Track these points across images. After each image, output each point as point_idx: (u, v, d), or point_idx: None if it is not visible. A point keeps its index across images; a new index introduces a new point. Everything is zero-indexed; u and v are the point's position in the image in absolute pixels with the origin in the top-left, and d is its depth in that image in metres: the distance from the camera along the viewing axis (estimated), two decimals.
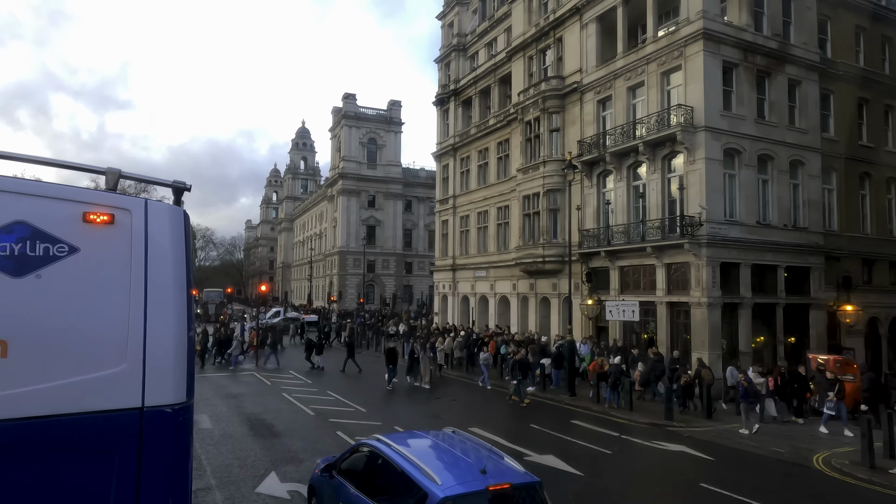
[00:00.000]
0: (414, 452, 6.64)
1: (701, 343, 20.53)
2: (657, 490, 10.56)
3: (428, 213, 66.56)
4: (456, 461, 6.56)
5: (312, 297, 73.76)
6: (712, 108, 21.49)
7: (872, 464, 12.04)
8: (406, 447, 6.82)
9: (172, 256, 3.82)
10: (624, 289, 24.44)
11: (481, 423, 15.40)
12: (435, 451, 7.06)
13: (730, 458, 13.01)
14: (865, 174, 26.66)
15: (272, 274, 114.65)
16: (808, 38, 24.56)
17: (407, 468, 6.24)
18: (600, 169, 25.99)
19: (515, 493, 5.90)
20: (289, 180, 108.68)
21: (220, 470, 11.05)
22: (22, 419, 3.31)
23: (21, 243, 3.44)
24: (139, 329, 3.63)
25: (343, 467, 7.55)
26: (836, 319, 23.83)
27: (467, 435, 7.58)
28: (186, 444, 3.90)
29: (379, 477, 6.77)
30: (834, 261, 24.45)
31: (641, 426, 15.79)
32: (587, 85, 26.90)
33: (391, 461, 6.56)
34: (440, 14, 43.85)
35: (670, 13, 24.91)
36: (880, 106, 27.51)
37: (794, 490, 10.91)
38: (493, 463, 6.24)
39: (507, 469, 6.27)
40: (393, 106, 71.47)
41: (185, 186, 4.24)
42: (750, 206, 22.37)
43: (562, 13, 28.66)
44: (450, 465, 6.42)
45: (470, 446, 7.05)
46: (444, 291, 40.32)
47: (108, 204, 3.70)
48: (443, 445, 7.22)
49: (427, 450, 7.05)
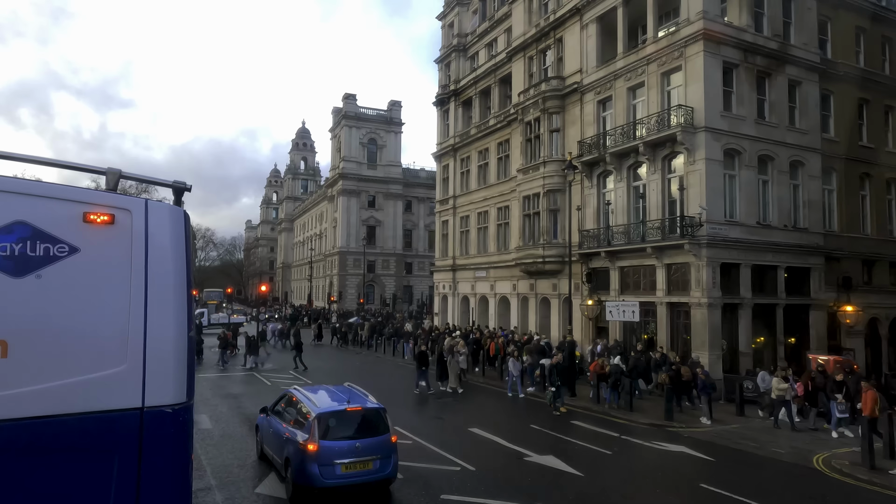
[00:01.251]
0: (312, 394, 10.85)
1: (701, 343, 20.52)
2: (657, 490, 10.56)
3: (428, 213, 66.55)
4: (335, 398, 10.60)
5: (312, 298, 73.77)
6: (712, 109, 21.49)
7: (873, 464, 12.04)
8: (309, 391, 11.19)
9: (173, 257, 3.83)
10: (624, 289, 24.44)
11: (481, 424, 15.40)
12: (326, 393, 11.09)
13: (730, 458, 13.00)
14: (865, 175, 26.66)
15: (272, 274, 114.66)
16: (809, 38, 24.56)
17: (304, 402, 10.39)
18: (600, 169, 25.99)
19: (365, 412, 10.06)
20: (289, 180, 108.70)
21: (219, 470, 11.05)
22: (22, 419, 3.31)
23: (21, 243, 3.44)
24: (139, 329, 3.63)
25: (274, 409, 11.46)
26: (836, 320, 23.82)
27: (354, 387, 11.46)
28: (186, 445, 3.91)
29: (292, 409, 10.79)
30: (834, 261, 24.45)
31: (641, 427, 15.79)
32: (587, 85, 26.90)
33: (298, 399, 10.70)
34: (440, 14, 43.84)
35: (670, 14, 24.91)
36: (880, 106, 27.51)
37: (794, 490, 10.90)
38: (358, 399, 10.51)
39: (364, 401, 10.41)
40: (393, 106, 71.49)
41: (185, 187, 4.25)
42: (750, 207, 22.37)
43: (562, 14, 28.66)
44: (330, 400, 10.51)
45: (350, 392, 10.98)
46: (444, 292, 40.31)
47: (108, 204, 3.71)
48: (333, 391, 11.25)
49: (321, 393, 11.05)
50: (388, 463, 9.54)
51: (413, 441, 13.34)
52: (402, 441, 13.27)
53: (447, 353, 21.85)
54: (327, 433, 9.44)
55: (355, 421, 9.88)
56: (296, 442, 9.60)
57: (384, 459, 9.51)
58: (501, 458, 12.34)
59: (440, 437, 13.91)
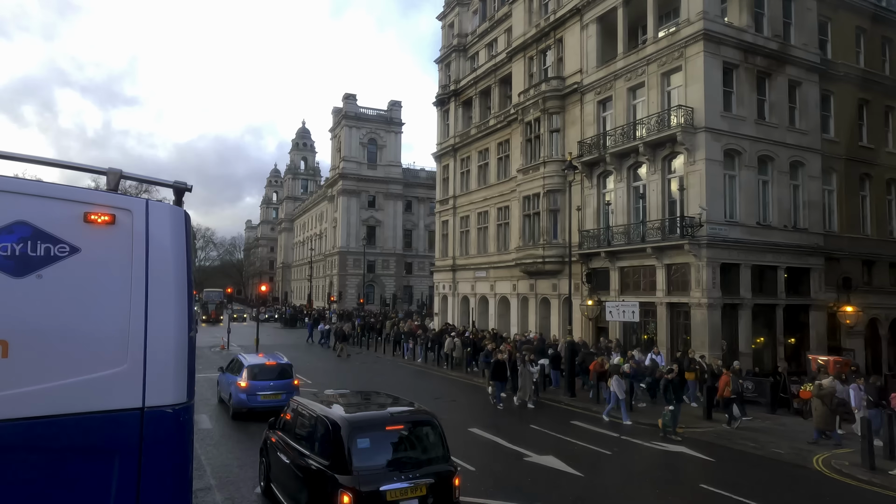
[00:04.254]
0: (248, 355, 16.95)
1: (701, 344, 20.52)
2: (657, 491, 10.56)
3: (428, 213, 66.56)
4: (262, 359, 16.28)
5: (312, 298, 73.77)
6: (712, 109, 21.50)
7: (872, 465, 12.03)
8: (248, 355, 17.26)
9: (173, 257, 3.83)
10: (624, 289, 24.44)
11: (481, 424, 15.40)
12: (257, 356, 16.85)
13: (729, 458, 13.00)
14: (866, 175, 26.67)
15: (272, 274, 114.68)
16: (809, 39, 24.56)
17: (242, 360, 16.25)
18: (600, 170, 26.00)
19: (278, 365, 15.70)
20: (289, 180, 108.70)
21: (219, 470, 11.05)
22: (23, 419, 3.32)
23: (22, 243, 3.44)
24: (140, 329, 3.63)
25: (227, 368, 16.95)
26: (836, 320, 23.83)
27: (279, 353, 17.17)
28: (187, 445, 3.91)
29: (235, 364, 16.37)
30: (834, 262, 24.46)
31: (641, 427, 15.78)
32: (587, 86, 26.91)
33: (239, 359, 16.56)
34: (440, 14, 43.84)
35: (671, 14, 24.92)
36: (880, 107, 27.52)
37: (793, 491, 10.90)
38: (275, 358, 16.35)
39: (279, 359, 16.25)
40: (393, 106, 71.49)
41: (186, 187, 4.24)
42: (750, 207, 22.37)
43: (562, 14, 28.67)
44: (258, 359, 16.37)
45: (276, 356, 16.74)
46: (444, 292, 40.32)
47: (109, 204, 3.71)
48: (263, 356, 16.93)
49: (254, 356, 17.17)
50: (290, 397, 11.97)
51: None
52: None
53: (520, 362, 19.22)
54: (254, 377, 15.09)
55: (272, 371, 15.48)
56: (235, 383, 15.21)
57: (288, 394, 14.17)
58: (501, 459, 12.34)
59: None
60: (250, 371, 15.10)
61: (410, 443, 7.72)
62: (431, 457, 7.60)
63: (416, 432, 7.82)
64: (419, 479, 7.08)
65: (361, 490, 6.71)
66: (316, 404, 8.35)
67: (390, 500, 6.85)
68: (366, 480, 6.81)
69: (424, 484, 7.08)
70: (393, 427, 7.64)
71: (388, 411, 8.02)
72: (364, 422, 7.57)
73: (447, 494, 7.28)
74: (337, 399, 8.81)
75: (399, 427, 7.68)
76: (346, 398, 9.11)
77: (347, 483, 6.73)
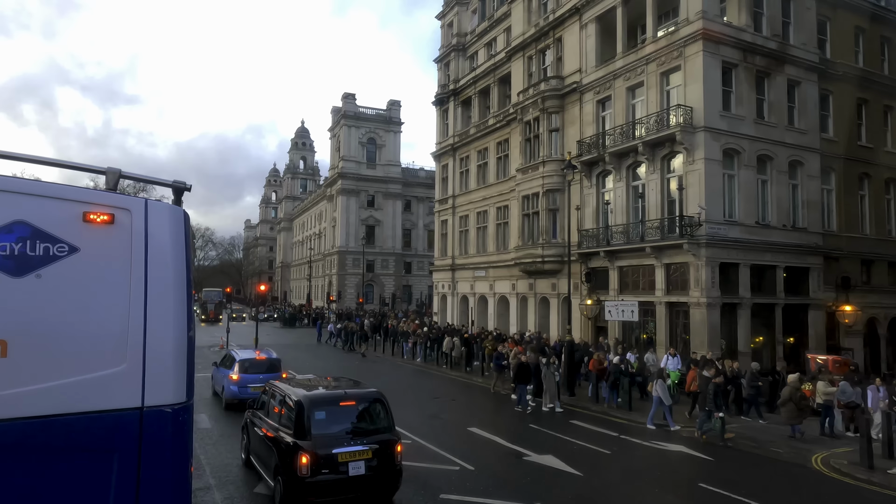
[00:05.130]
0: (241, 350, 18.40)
1: (700, 343, 20.53)
2: (656, 490, 10.57)
3: (427, 212, 66.55)
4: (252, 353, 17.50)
5: (311, 297, 73.74)
6: (711, 109, 21.50)
7: (871, 464, 12.04)
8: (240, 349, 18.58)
9: (172, 256, 3.82)
10: (623, 289, 24.45)
11: (480, 423, 15.40)
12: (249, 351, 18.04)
13: (728, 458, 13.01)
14: (864, 175, 26.69)
15: (271, 274, 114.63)
16: (808, 38, 24.57)
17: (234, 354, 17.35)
18: (599, 169, 26.00)
19: (268, 360, 16.92)
20: (288, 180, 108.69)
21: (219, 469, 11.04)
22: (22, 419, 3.31)
23: (21, 243, 3.44)
24: (139, 329, 3.63)
25: (220, 363, 18.07)
26: (834, 319, 23.86)
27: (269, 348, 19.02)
28: (186, 444, 3.91)
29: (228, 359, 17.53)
30: (833, 261, 24.48)
31: (640, 426, 15.78)
32: (587, 85, 26.91)
33: (231, 354, 17.60)
34: (440, 14, 43.82)
35: (670, 13, 24.92)
36: (879, 106, 27.54)
37: (792, 490, 10.92)
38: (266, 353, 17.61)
39: (270, 355, 17.50)
40: (392, 106, 71.46)
41: (185, 186, 4.24)
42: (749, 207, 22.39)
43: (561, 13, 28.67)
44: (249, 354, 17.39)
45: (267, 351, 17.98)
46: (443, 291, 40.32)
47: (108, 204, 3.70)
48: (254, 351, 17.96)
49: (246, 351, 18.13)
50: None
51: (412, 440, 13.34)
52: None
53: (544, 364, 18.66)
54: (246, 371, 16.14)
55: (261, 365, 16.51)
56: (227, 376, 16.34)
57: None
58: (501, 458, 12.35)
59: (438, 436, 13.90)
60: (241, 365, 16.39)
61: (360, 416, 9.16)
62: (378, 427, 9.10)
63: (366, 408, 9.29)
64: (366, 445, 8.57)
65: (318, 453, 8.18)
66: (285, 386, 9.98)
67: (342, 461, 8.32)
68: (321, 445, 8.29)
69: (370, 449, 8.56)
70: (346, 403, 9.13)
71: (344, 391, 9.47)
72: (321, 399, 9.12)
73: (390, 458, 8.77)
74: (305, 382, 10.49)
75: (351, 403, 9.18)
76: (312, 381, 10.64)
77: (307, 447, 8.22)
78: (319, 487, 8.13)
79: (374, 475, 8.51)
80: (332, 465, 8.22)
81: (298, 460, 8.08)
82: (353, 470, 8.33)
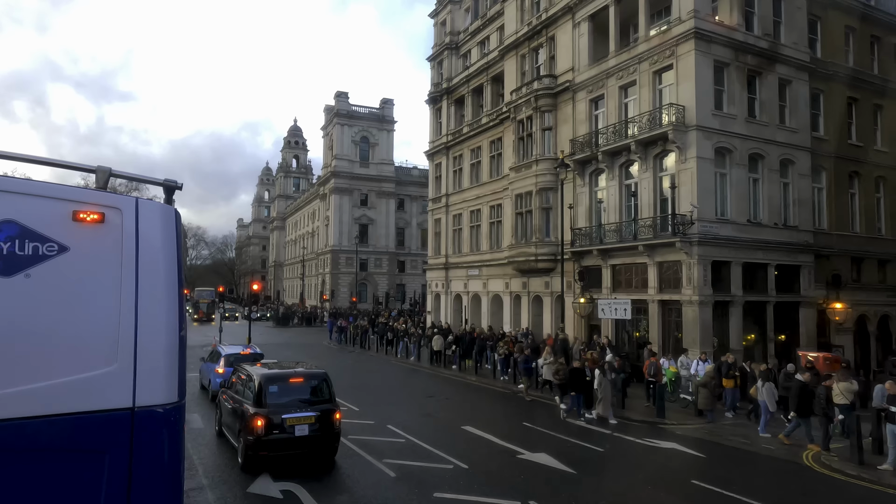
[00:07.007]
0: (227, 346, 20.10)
1: (692, 341, 20.64)
2: (649, 487, 10.62)
3: (421, 211, 66.56)
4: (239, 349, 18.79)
5: (305, 296, 73.56)
6: (704, 108, 21.60)
7: (861, 460, 12.15)
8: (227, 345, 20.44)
9: (163, 255, 3.80)
10: (616, 287, 24.53)
11: (474, 422, 15.41)
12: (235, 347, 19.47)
13: (721, 455, 13.10)
14: (855, 173, 26.89)
15: (264, 273, 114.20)
16: (799, 37, 24.72)
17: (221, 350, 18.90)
18: (592, 168, 26.07)
19: (252, 354, 17.87)
20: (281, 178, 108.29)
21: (211, 470, 11.00)
22: (12, 419, 3.28)
23: (10, 242, 3.40)
24: (130, 329, 3.60)
25: (208, 357, 19.26)
26: (825, 317, 24.02)
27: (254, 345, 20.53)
28: (178, 445, 3.88)
29: (215, 354, 18.83)
30: (824, 259, 24.66)
31: (633, 424, 15.86)
32: (579, 84, 26.96)
33: (218, 349, 18.86)
34: (433, 12, 43.76)
35: (662, 12, 25.00)
36: (869, 105, 27.75)
37: (784, 486, 11.00)
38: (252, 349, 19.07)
39: (255, 350, 18.99)
40: (385, 104, 71.36)
41: (176, 185, 4.20)
42: (741, 205, 22.51)
43: (554, 12, 28.70)
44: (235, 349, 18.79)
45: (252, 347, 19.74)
46: (436, 290, 40.31)
47: (98, 202, 3.67)
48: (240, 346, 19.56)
49: (233, 347, 19.49)
50: None
51: (406, 439, 13.34)
52: (394, 440, 13.33)
53: (599, 370, 16.61)
54: (230, 365, 16.35)
55: (246, 360, 16.36)
56: (214, 370, 17.56)
57: None
58: (494, 456, 12.36)
59: (432, 435, 13.91)
60: (227, 360, 17.66)
61: (306, 390, 11.32)
62: (321, 399, 11.17)
63: (311, 384, 11.44)
64: (309, 412, 10.69)
65: (270, 418, 10.32)
66: (248, 366, 12.23)
67: (289, 424, 10.41)
68: (273, 412, 10.43)
69: (313, 415, 10.65)
70: (295, 380, 11.32)
71: (294, 370, 11.67)
72: (274, 376, 11.24)
73: (330, 424, 10.85)
74: (266, 364, 12.83)
75: (299, 380, 11.38)
76: (272, 364, 12.90)
77: (262, 413, 10.36)
78: (271, 444, 10.27)
79: (316, 436, 10.61)
80: (282, 427, 10.32)
81: (255, 423, 10.20)
82: (299, 431, 10.43)
